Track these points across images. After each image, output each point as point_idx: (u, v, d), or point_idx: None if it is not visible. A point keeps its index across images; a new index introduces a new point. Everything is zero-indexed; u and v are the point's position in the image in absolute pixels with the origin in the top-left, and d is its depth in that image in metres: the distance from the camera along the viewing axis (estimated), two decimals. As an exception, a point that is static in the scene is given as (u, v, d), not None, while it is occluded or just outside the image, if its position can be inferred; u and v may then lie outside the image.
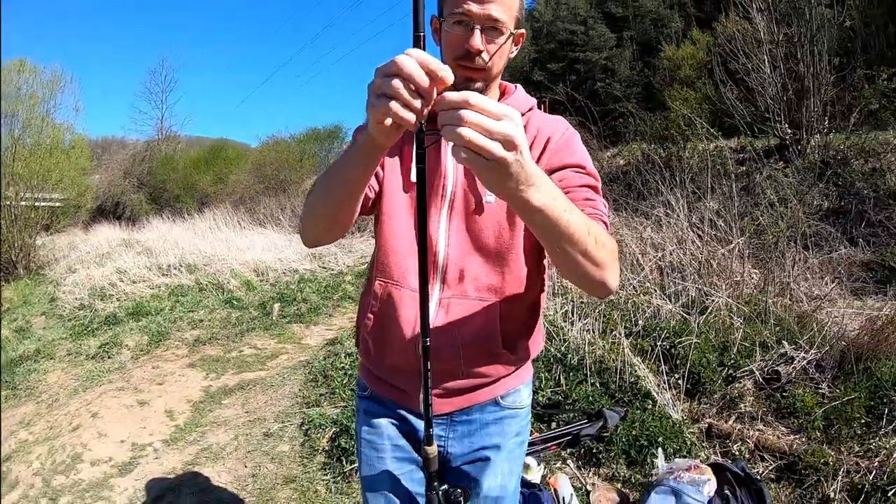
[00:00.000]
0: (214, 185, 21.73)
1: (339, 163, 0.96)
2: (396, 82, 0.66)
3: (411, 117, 0.68)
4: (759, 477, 2.46)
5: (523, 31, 1.13)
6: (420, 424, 1.20)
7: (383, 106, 0.68)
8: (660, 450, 2.67)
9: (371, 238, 10.89)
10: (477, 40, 1.02)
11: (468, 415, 1.20)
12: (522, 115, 1.16)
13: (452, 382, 1.15)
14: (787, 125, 7.43)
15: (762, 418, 3.06)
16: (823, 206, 6.52)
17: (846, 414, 2.79)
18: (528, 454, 2.05)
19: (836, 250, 5.82)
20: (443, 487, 1.11)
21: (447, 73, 0.67)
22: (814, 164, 6.79)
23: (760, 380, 3.33)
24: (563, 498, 2.45)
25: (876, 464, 2.42)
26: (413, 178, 1.12)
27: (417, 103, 0.67)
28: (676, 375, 3.41)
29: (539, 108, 1.22)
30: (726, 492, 2.26)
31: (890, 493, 2.27)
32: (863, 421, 2.75)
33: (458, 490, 1.11)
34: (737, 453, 2.77)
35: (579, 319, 3.94)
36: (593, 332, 3.80)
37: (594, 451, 2.85)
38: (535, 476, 2.54)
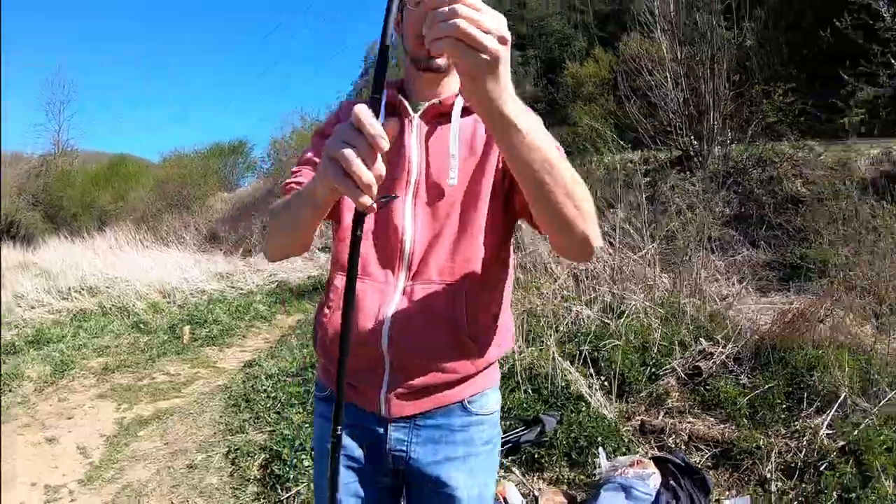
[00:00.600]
0: (114, 202, 20.41)
1: (293, 202, 0.97)
2: (351, 155, 0.67)
3: (366, 201, 0.69)
4: (698, 466, 2.53)
5: None
6: (379, 428, 1.12)
7: (336, 177, 0.69)
8: (601, 449, 2.69)
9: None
10: None
11: (433, 419, 1.12)
12: None
13: (416, 379, 1.07)
14: (692, 137, 7.92)
15: (690, 411, 3.17)
16: (726, 213, 7.00)
17: (768, 400, 2.95)
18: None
19: (739, 253, 6.26)
20: None
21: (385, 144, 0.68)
22: (716, 174, 7.29)
23: (683, 376, 3.47)
24: (512, 505, 2.40)
25: (804, 443, 2.58)
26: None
27: (371, 182, 0.68)
28: (603, 377, 3.48)
29: None
30: (671, 483, 2.30)
31: (822, 468, 2.42)
32: (784, 406, 2.92)
33: None
34: (673, 446, 2.85)
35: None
36: (519, 339, 3.81)
37: (536, 456, 2.83)
38: (481, 485, 2.48)
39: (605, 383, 3.45)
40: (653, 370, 3.53)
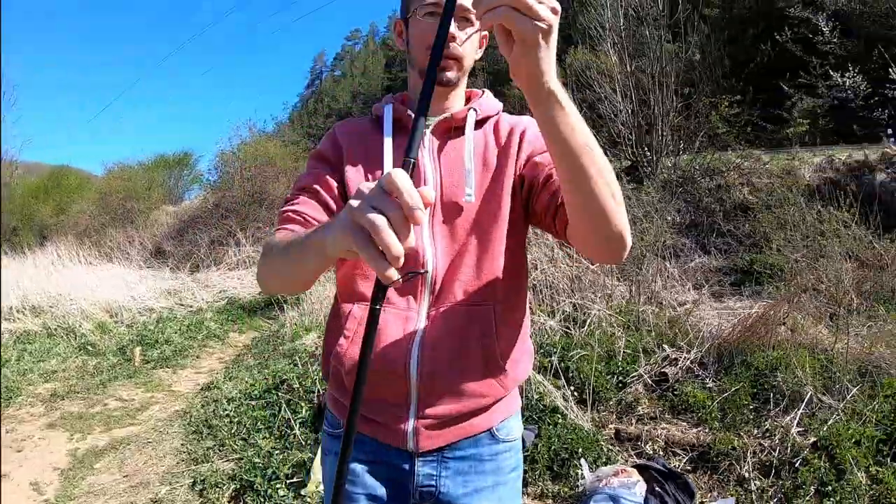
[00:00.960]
0: (55, 215, 19.39)
1: (297, 247, 0.88)
2: (383, 224, 0.60)
3: (392, 274, 0.62)
4: (679, 471, 2.58)
5: (486, 33, 1.12)
6: (404, 464, 1.06)
7: (361, 246, 0.62)
8: (582, 460, 2.71)
9: (228, 271, 10.35)
10: (453, 26, 1.00)
11: (462, 450, 1.08)
12: (492, 116, 1.14)
13: (447, 407, 1.03)
14: (644, 148, 8.17)
15: (661, 417, 3.24)
16: (678, 221, 7.23)
17: (736, 402, 3.05)
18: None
19: (692, 259, 6.47)
20: None
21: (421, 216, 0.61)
22: (668, 183, 7.53)
23: (650, 382, 3.54)
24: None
25: (777, 441, 2.69)
26: None
27: (401, 255, 0.61)
28: (573, 387, 3.51)
29: None
30: (657, 489, 2.33)
31: (797, 464, 2.53)
32: (752, 406, 3.03)
33: None
34: (651, 452, 2.89)
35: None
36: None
37: (518, 470, 2.81)
38: None
39: (576, 393, 3.48)
40: (620, 378, 3.59)
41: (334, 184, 1.07)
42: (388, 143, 1.07)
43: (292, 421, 3.45)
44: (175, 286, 9.22)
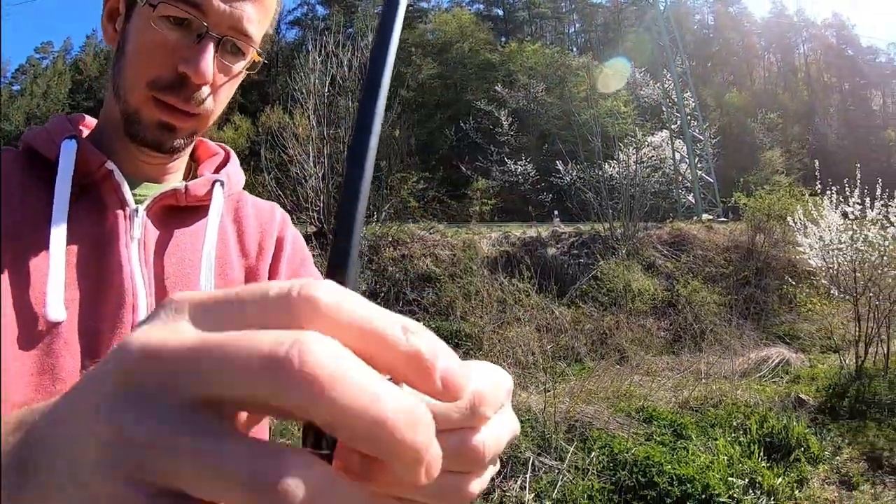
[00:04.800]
0: None
1: None
2: None
3: None
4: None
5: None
6: None
7: None
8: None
9: None
10: (208, 63, 0.58)
11: None
12: (233, 195, 0.72)
13: None
14: (332, 215, 8.28)
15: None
16: (362, 289, 7.32)
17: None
18: None
19: (376, 328, 6.55)
20: None
21: None
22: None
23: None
24: None
25: None
26: (52, 314, 0.52)
27: None
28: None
29: None
30: None
31: None
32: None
33: None
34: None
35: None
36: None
37: None
38: None
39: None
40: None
41: None
42: (58, 229, 0.54)
43: None
44: None
